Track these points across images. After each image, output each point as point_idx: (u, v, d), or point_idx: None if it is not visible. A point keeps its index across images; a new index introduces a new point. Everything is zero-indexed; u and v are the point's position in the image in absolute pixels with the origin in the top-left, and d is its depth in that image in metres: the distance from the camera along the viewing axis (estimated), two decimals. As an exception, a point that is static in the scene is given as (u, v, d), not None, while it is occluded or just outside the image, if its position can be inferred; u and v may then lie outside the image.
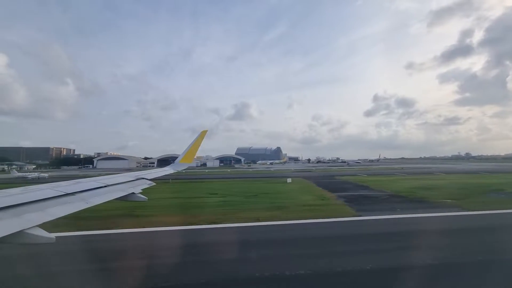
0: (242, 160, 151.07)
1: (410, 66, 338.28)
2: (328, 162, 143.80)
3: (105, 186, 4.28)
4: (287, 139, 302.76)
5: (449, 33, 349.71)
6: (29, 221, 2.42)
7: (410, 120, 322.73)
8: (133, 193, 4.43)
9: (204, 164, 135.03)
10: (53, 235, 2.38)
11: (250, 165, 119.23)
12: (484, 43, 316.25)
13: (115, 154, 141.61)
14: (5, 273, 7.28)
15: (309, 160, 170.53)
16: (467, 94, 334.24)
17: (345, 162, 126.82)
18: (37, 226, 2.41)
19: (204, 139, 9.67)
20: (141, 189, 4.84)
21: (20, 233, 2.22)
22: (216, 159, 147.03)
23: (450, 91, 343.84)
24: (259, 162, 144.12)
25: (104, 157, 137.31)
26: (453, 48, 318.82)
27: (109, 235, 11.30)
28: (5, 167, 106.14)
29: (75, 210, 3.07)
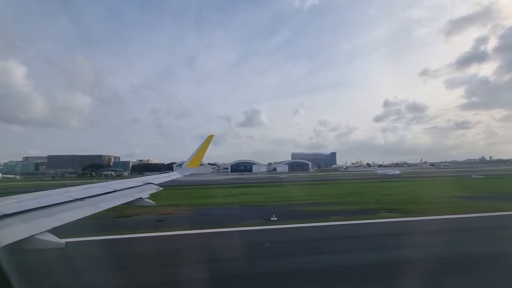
0: (310, 164, 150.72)
1: (424, 72, 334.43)
2: (390, 167, 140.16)
3: (114, 192, 4.30)
4: (294, 145, 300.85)
5: (465, 41, 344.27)
6: (39, 226, 2.43)
7: (419, 125, 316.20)
8: (140, 198, 4.44)
9: (275, 169, 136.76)
10: (63, 240, 2.38)
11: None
12: (497, 49, 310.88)
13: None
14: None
15: (368, 164, 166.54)
16: (474, 99, 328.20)
17: (433, 165, 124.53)
18: (47, 231, 2.42)
19: (210, 144, 9.71)
20: (149, 194, 4.84)
21: (31, 238, 2.23)
22: (285, 164, 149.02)
23: (457, 95, 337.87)
24: (333, 166, 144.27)
25: (181, 163, 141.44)
26: (468, 55, 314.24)
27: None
28: (113, 173, 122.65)
29: (85, 215, 3.08)
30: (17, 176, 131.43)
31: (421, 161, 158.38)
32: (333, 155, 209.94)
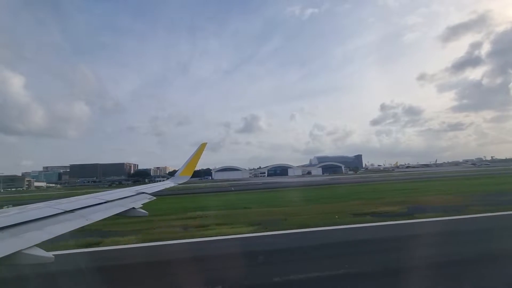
0: (342, 167, 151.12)
1: (422, 77, 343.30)
2: (419, 167, 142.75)
3: (105, 202, 4.22)
4: (291, 150, 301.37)
5: (461, 47, 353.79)
6: (27, 240, 2.35)
7: (414, 128, 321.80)
8: (133, 208, 4.36)
9: (309, 173, 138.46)
10: (51, 253, 2.31)
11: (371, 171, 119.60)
12: (489, 54, 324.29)
13: (230, 165, 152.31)
14: None
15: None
16: (465, 101, 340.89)
17: (475, 164, 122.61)
18: (35, 245, 2.34)
19: (207, 151, 9.69)
20: (142, 204, 4.77)
21: (18, 253, 2.15)
22: (319, 167, 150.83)
23: (448, 98, 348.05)
24: (369, 168, 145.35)
25: (220, 168, 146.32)
26: (462, 59, 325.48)
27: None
28: (165, 179, 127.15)
29: (75, 228, 3.01)
30: (58, 185, 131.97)
31: (435, 161, 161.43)
32: (358, 157, 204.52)
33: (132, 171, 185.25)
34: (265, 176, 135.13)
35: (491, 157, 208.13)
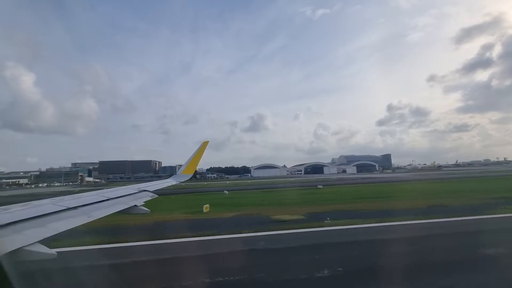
0: (376, 166, 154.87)
1: (432, 78, 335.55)
2: (450, 167, 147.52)
3: (108, 200, 4.23)
4: (294, 150, 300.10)
5: (474, 48, 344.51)
6: (29, 237, 2.36)
7: (419, 129, 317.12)
8: (135, 205, 4.37)
9: (344, 171, 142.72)
10: (54, 250, 2.32)
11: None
12: (500, 56, 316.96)
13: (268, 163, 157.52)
14: None
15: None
16: (470, 102, 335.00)
17: None
18: (37, 242, 2.35)
19: (209, 150, 9.67)
20: (144, 202, 4.77)
21: (20, 250, 2.16)
22: (353, 165, 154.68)
23: (454, 99, 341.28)
24: (407, 167, 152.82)
25: (258, 166, 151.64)
26: (473, 61, 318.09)
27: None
28: (215, 176, 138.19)
29: (77, 225, 3.02)
30: (103, 180, 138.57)
31: (456, 162, 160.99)
32: (387, 157, 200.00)
33: (157, 168, 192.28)
34: (301, 173, 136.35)
35: (504, 158, 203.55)
